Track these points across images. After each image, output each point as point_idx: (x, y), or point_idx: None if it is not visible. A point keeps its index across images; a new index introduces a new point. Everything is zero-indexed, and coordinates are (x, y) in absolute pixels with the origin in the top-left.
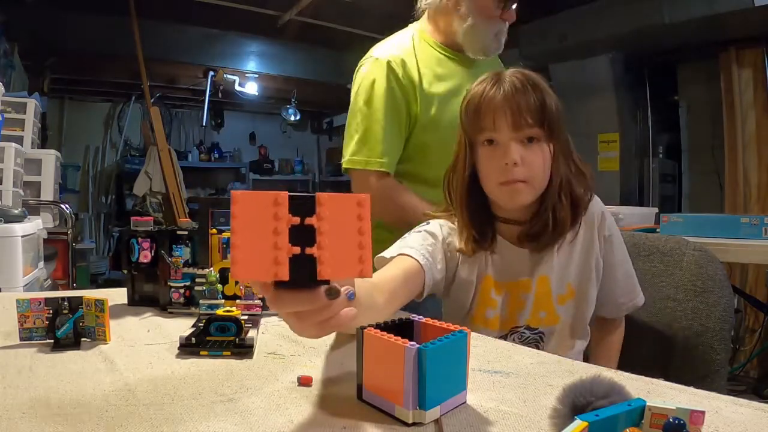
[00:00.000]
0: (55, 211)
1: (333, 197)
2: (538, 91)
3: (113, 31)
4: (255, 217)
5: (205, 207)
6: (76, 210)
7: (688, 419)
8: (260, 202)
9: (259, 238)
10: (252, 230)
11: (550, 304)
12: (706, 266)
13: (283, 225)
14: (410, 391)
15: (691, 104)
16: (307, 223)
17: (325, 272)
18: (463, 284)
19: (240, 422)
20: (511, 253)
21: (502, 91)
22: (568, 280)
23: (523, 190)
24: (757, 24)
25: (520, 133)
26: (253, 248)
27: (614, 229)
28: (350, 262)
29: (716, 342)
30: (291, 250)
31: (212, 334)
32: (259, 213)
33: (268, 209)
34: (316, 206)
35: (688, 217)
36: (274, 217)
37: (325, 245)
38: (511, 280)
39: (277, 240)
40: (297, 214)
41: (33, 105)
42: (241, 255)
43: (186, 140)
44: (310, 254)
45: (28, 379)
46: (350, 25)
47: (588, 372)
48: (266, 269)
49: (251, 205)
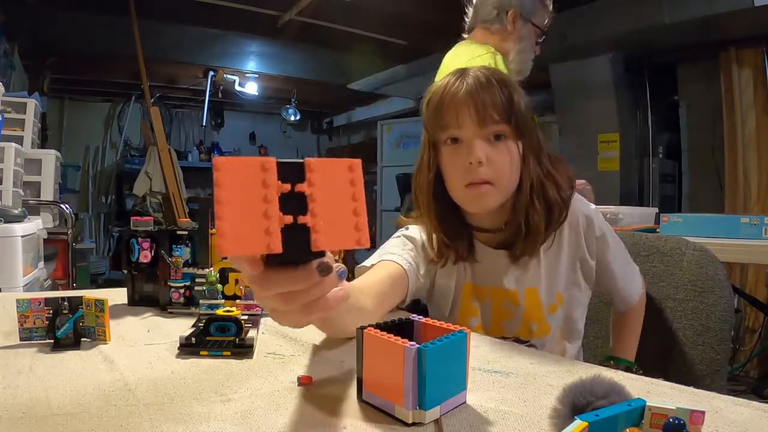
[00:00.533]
0: (55, 211)
1: (323, 162)
2: (505, 86)
3: (113, 31)
4: (242, 185)
5: (205, 207)
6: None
7: (688, 419)
8: (246, 169)
9: (248, 207)
10: (239, 200)
11: (541, 315)
12: (706, 266)
13: (273, 192)
14: (410, 391)
15: (691, 104)
16: (298, 190)
17: (320, 242)
18: (442, 291)
19: (240, 422)
20: (490, 257)
21: (466, 85)
22: (557, 289)
23: (489, 193)
24: (757, 24)
25: (485, 129)
26: (241, 219)
27: (605, 227)
28: (346, 231)
29: (716, 342)
30: (283, 219)
31: (212, 334)
32: (246, 180)
33: (256, 176)
34: (306, 172)
35: (688, 217)
36: (263, 184)
37: (318, 213)
38: (493, 285)
39: (268, 208)
40: (286, 181)
41: (33, 105)
42: (229, 227)
43: (186, 140)
44: (303, 223)
45: (28, 379)
46: (350, 25)
47: (588, 372)
48: (258, 241)
49: (237, 172)
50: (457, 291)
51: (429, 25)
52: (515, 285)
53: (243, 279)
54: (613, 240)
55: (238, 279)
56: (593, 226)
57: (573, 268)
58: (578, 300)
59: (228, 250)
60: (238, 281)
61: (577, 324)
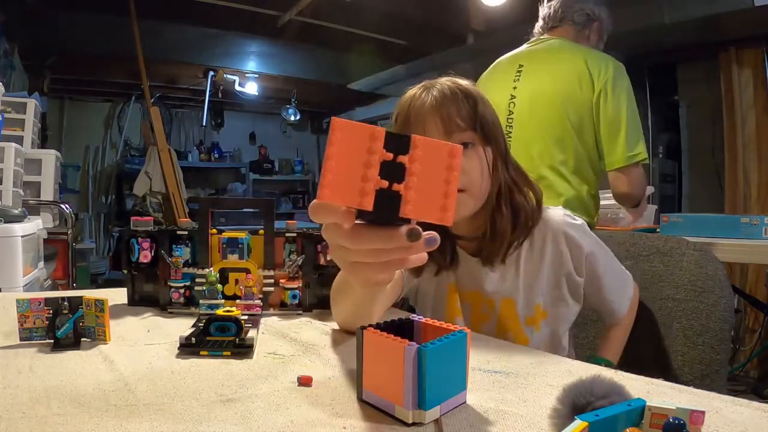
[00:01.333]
0: (55, 211)
1: (428, 141)
2: (470, 98)
3: (113, 31)
4: (350, 146)
5: (205, 207)
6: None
7: (688, 419)
8: (358, 134)
9: (351, 166)
10: (345, 158)
11: (518, 327)
12: (706, 266)
13: (376, 158)
14: (410, 391)
15: (691, 104)
16: (399, 161)
17: (407, 210)
18: (427, 293)
19: (240, 422)
20: (469, 264)
21: (431, 97)
22: (536, 302)
23: (462, 200)
24: (757, 24)
25: (452, 138)
26: (343, 175)
27: (591, 241)
28: (433, 207)
29: (716, 342)
30: (379, 183)
31: (212, 334)
32: (355, 143)
33: (364, 142)
34: (411, 147)
35: (688, 217)
36: (368, 150)
37: (412, 185)
38: (471, 289)
39: (368, 172)
40: (390, 151)
41: (33, 105)
42: (331, 179)
43: (186, 140)
44: (396, 191)
45: (28, 379)
46: (350, 25)
47: (588, 372)
48: (352, 197)
49: (349, 134)
50: (441, 292)
51: (429, 25)
52: (493, 292)
53: (243, 279)
54: (603, 253)
55: (238, 279)
56: (579, 244)
57: (557, 283)
58: (564, 316)
59: (325, 196)
60: (238, 281)
61: (562, 340)
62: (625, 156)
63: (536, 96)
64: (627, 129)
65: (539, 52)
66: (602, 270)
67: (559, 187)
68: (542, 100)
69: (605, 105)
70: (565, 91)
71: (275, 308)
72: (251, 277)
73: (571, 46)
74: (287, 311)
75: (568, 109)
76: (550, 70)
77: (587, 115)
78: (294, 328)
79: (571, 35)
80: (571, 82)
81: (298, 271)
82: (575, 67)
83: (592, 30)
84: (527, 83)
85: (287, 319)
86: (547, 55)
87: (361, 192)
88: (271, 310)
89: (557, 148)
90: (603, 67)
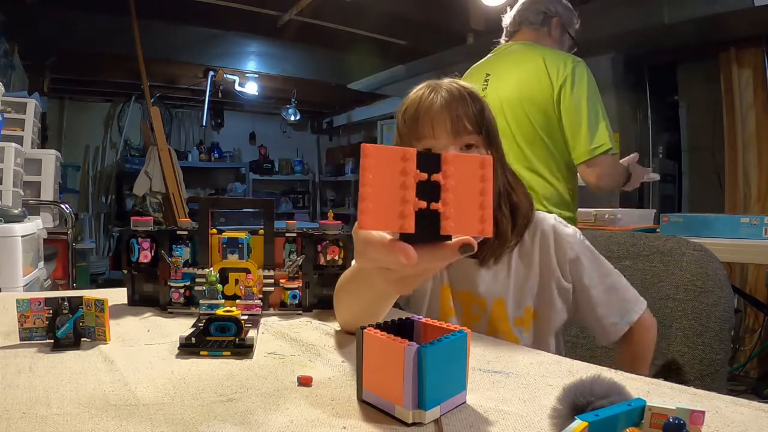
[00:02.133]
0: (55, 211)
1: (458, 157)
2: (476, 99)
3: (113, 31)
4: (384, 171)
5: (205, 207)
6: (76, 210)
7: (688, 419)
8: (390, 157)
9: (388, 191)
10: (381, 183)
11: (507, 327)
12: (706, 266)
13: (411, 180)
14: (410, 391)
15: (691, 104)
16: (434, 180)
17: (448, 227)
18: (420, 294)
19: (240, 422)
20: (462, 263)
21: (440, 98)
22: (527, 304)
23: None
24: (757, 24)
25: (459, 139)
26: (381, 200)
27: (580, 248)
28: (472, 220)
29: (716, 342)
30: (417, 204)
31: (212, 334)
32: (388, 167)
33: (397, 164)
34: (442, 164)
35: (688, 217)
36: (402, 172)
37: (449, 201)
38: (463, 288)
39: (405, 194)
40: (424, 170)
41: (33, 105)
42: (371, 206)
43: (186, 140)
44: (435, 209)
45: (28, 379)
46: (350, 25)
47: (588, 372)
48: (393, 221)
49: (381, 159)
50: (435, 293)
51: (429, 25)
52: (485, 292)
53: (243, 279)
54: (592, 262)
55: (238, 279)
56: (565, 248)
57: (548, 286)
58: (552, 320)
59: (367, 224)
60: (238, 281)
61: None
62: (588, 149)
63: (503, 101)
64: (588, 122)
65: (502, 58)
66: (589, 280)
67: (537, 186)
68: (509, 105)
69: (564, 101)
70: (528, 93)
71: (275, 308)
72: (251, 277)
73: (529, 48)
74: (287, 311)
75: (533, 110)
76: (512, 74)
77: (552, 113)
78: (294, 328)
79: (532, 36)
80: (532, 83)
81: (298, 271)
82: (535, 67)
83: (552, 26)
84: (493, 90)
85: (287, 319)
86: (509, 60)
87: (401, 215)
88: (271, 310)
89: (529, 150)
90: (561, 64)
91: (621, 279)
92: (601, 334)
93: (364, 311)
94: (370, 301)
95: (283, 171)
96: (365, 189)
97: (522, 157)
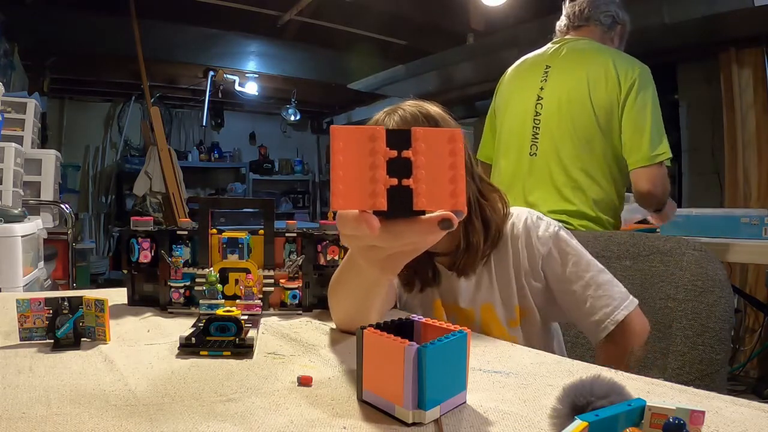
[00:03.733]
0: (55, 211)
1: (428, 131)
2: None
3: (113, 31)
4: (353, 151)
5: (205, 207)
6: (76, 210)
7: (688, 419)
8: (358, 138)
9: (358, 171)
10: (351, 164)
11: (501, 330)
12: (706, 266)
13: (380, 159)
14: (410, 391)
15: (691, 104)
16: (404, 156)
17: (420, 203)
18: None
19: (240, 422)
20: (448, 278)
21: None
22: (514, 303)
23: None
24: (757, 24)
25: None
26: (352, 181)
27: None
28: (444, 195)
29: (716, 342)
30: (388, 181)
31: (212, 334)
32: (358, 148)
33: (366, 144)
34: (412, 140)
35: (688, 217)
36: (371, 152)
37: (420, 177)
38: (453, 302)
39: (375, 173)
40: (394, 148)
41: (33, 105)
42: (341, 187)
43: (186, 140)
44: (407, 185)
45: (28, 379)
46: (350, 25)
47: (588, 372)
48: (365, 200)
49: (350, 140)
50: (427, 308)
51: (429, 25)
52: (470, 303)
53: (243, 279)
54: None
55: (238, 279)
56: (535, 244)
57: (523, 285)
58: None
59: (339, 205)
60: (238, 281)
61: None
62: (649, 155)
63: (565, 98)
64: (651, 128)
65: (567, 52)
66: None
67: (589, 189)
68: (571, 102)
69: (631, 105)
70: (594, 92)
71: (275, 308)
72: (251, 277)
73: (599, 48)
74: (287, 311)
75: (597, 111)
76: (578, 71)
77: (615, 116)
78: (294, 328)
79: (597, 36)
80: (599, 83)
81: (298, 271)
82: (603, 68)
83: (616, 33)
84: (555, 84)
85: (287, 319)
86: (575, 55)
87: (372, 194)
88: (271, 310)
89: (587, 151)
90: (630, 68)
91: (605, 275)
92: (589, 330)
93: (357, 302)
94: (361, 290)
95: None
96: (335, 171)
97: (576, 157)
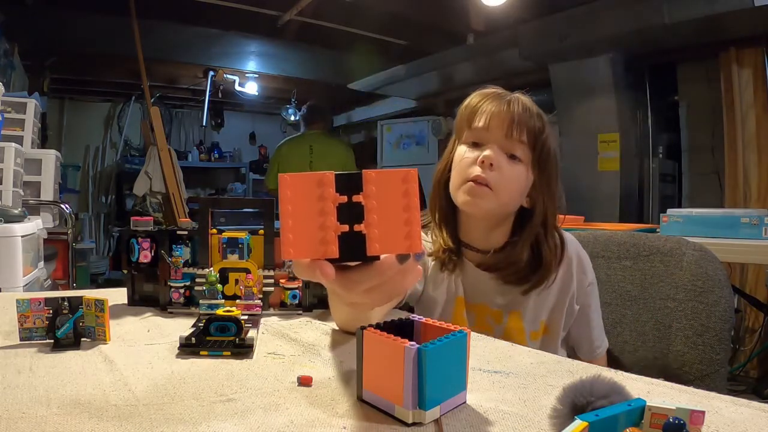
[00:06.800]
0: (55, 211)
1: (380, 174)
2: (542, 121)
3: (113, 31)
4: (302, 199)
5: (205, 207)
6: (76, 210)
7: (688, 419)
8: (306, 185)
9: (308, 219)
10: (300, 212)
11: (522, 339)
12: (706, 266)
13: (330, 205)
14: (410, 391)
15: (691, 104)
16: (355, 201)
17: (374, 248)
18: (431, 301)
19: (240, 422)
20: (476, 276)
21: (508, 99)
22: (542, 318)
23: (485, 195)
24: (757, 24)
25: (508, 142)
26: (302, 230)
27: (593, 274)
28: (398, 238)
29: (716, 342)
30: (339, 228)
31: (212, 334)
32: (306, 195)
33: (314, 190)
34: (363, 184)
35: (688, 217)
36: (319, 198)
37: (373, 222)
38: (478, 302)
39: (325, 220)
40: (344, 193)
41: (33, 105)
42: (291, 237)
43: (186, 140)
44: (359, 231)
45: (28, 379)
46: (350, 25)
47: (588, 372)
48: (315, 248)
49: (298, 188)
50: (449, 303)
51: (429, 25)
52: (501, 305)
53: (243, 279)
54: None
55: (238, 279)
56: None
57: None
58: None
59: (290, 255)
60: (238, 281)
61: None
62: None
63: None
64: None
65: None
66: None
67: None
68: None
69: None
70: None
71: (275, 308)
72: (251, 277)
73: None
74: (287, 311)
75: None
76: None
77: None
78: (294, 328)
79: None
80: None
81: None
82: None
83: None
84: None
85: (287, 319)
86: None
87: (323, 241)
88: (271, 310)
89: None
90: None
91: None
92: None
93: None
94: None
95: None
96: (285, 221)
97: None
